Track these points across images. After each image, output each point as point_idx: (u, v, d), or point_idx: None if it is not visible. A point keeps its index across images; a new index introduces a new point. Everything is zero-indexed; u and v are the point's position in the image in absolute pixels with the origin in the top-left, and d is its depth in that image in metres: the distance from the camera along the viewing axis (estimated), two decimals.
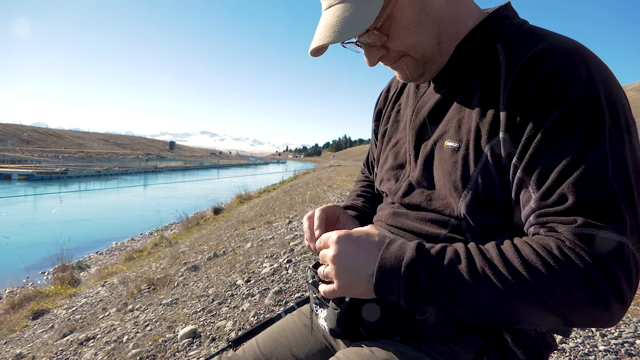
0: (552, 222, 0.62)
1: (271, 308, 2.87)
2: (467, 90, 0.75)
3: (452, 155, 0.74)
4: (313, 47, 0.73)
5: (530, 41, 0.69)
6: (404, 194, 0.86)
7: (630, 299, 0.57)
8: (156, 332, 3.02)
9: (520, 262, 0.59)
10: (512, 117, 0.66)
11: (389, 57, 0.79)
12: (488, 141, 0.69)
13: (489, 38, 0.75)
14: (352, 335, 0.79)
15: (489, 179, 0.69)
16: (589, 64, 0.63)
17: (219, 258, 5.48)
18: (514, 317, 0.61)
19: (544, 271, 0.58)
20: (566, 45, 0.65)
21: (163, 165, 66.55)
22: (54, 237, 9.89)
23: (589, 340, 2.35)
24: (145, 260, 7.72)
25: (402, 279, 0.63)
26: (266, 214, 9.38)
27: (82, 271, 8.43)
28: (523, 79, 0.65)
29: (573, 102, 0.61)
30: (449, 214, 0.76)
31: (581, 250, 0.58)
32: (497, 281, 0.59)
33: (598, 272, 0.56)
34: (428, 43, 0.76)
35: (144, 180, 41.46)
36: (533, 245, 0.61)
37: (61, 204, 20.64)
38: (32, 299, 6.11)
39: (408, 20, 0.73)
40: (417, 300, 0.63)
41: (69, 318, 4.73)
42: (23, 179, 35.45)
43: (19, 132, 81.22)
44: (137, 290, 4.81)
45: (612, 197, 0.58)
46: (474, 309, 0.61)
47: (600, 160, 0.59)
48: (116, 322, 3.81)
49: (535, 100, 0.64)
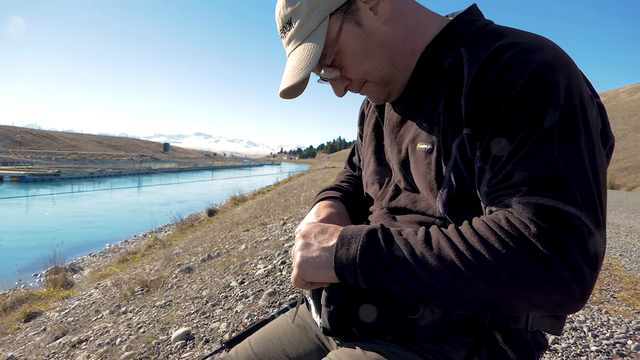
0: (501, 196, 0.63)
1: (265, 309, 2.87)
2: (435, 94, 0.77)
3: (426, 157, 0.76)
4: (280, 90, 0.81)
5: (491, 40, 0.70)
6: (391, 198, 0.88)
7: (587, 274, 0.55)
8: (149, 334, 3.01)
9: (472, 233, 0.61)
10: (471, 112, 0.68)
11: (354, 86, 0.84)
12: (454, 139, 0.71)
13: (451, 43, 0.77)
14: (344, 335, 0.80)
15: (460, 176, 0.71)
16: (544, 53, 0.64)
17: (213, 260, 5.46)
18: (467, 291, 0.59)
19: (493, 242, 0.58)
20: (526, 40, 0.67)
21: (157, 167, 66.25)
22: (47, 239, 9.82)
23: (581, 340, 2.37)
24: (138, 262, 7.68)
25: (360, 243, 0.66)
26: (260, 215, 9.37)
27: (75, 273, 8.36)
28: (481, 75, 0.67)
29: (524, 88, 0.62)
30: (432, 214, 0.78)
31: (528, 219, 0.57)
32: (449, 250, 0.60)
33: (548, 242, 0.55)
34: (382, 66, 0.80)
35: (137, 182, 41.26)
36: (485, 219, 0.62)
37: (54, 206, 20.48)
38: (25, 301, 6.05)
39: (355, 51, 0.77)
40: (373, 269, 0.64)
41: (62, 320, 4.69)
42: (15, 180, 35.16)
43: (11, 134, 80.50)
44: (131, 292, 4.78)
45: (558, 171, 0.58)
46: (428, 283, 0.61)
47: (547, 137, 0.60)
48: (109, 324, 3.78)
49: (490, 92, 0.65)
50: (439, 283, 0.60)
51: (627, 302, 3.02)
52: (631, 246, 5.18)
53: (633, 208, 9.80)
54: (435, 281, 0.60)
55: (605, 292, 3.24)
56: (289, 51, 0.81)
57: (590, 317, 2.72)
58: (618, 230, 6.50)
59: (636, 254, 4.68)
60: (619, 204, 10.42)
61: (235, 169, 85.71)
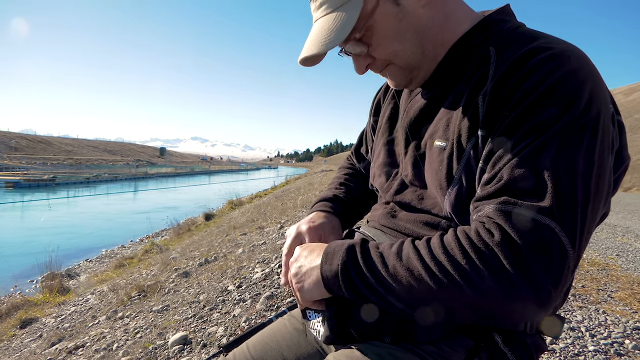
0: (482, 205, 0.63)
1: (263, 313, 2.86)
2: (457, 92, 0.76)
3: (440, 154, 0.75)
4: (300, 57, 0.77)
5: (521, 43, 0.69)
6: (396, 192, 0.87)
7: (548, 290, 0.54)
8: (146, 340, 2.99)
9: (439, 245, 0.62)
10: (489, 115, 0.67)
11: (376, 65, 0.82)
12: (469, 139, 0.70)
13: (481, 42, 0.76)
14: (343, 337, 0.79)
15: (471, 177, 0.70)
16: (572, 62, 0.63)
17: (210, 264, 5.44)
18: (432, 302, 0.61)
19: (456, 252, 0.59)
20: (556, 46, 0.65)
21: (153, 171, 66.03)
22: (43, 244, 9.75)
23: (579, 340, 2.37)
24: (135, 267, 7.63)
25: (341, 258, 0.69)
26: (258, 219, 9.35)
27: (71, 279, 8.30)
28: (504, 78, 0.66)
29: (541, 95, 0.61)
30: (438, 213, 0.77)
31: (495, 227, 0.57)
32: (416, 263, 0.62)
33: (509, 251, 0.55)
34: (411, 51, 0.77)
35: (134, 186, 41.11)
36: (457, 230, 0.63)
37: (50, 212, 20.38)
38: (20, 307, 6.00)
39: (387, 30, 0.75)
40: (353, 283, 0.67)
41: (58, 327, 4.65)
42: (10, 186, 34.91)
43: (6, 139, 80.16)
44: (128, 297, 4.75)
45: (541, 179, 0.57)
46: (400, 294, 0.63)
47: (545, 146, 0.59)
48: (106, 330, 3.76)
49: (509, 95, 0.64)
50: (409, 294, 0.62)
51: (624, 302, 3.03)
52: (628, 246, 5.20)
53: (629, 208, 9.86)
54: (405, 292, 0.62)
55: (602, 292, 3.25)
56: (317, 17, 0.76)
57: (588, 317, 2.72)
58: (615, 230, 6.52)
59: (633, 254, 4.70)
60: (616, 205, 10.47)
61: (232, 173, 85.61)
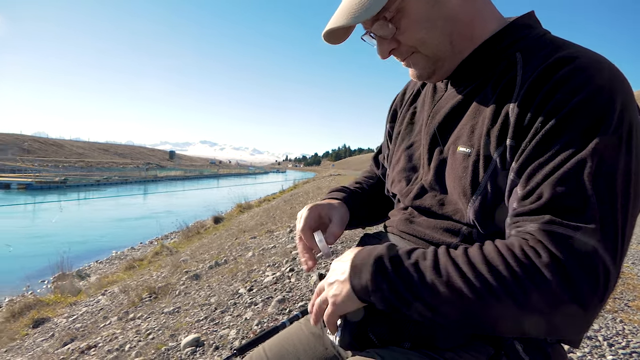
0: (523, 221, 0.62)
1: (275, 317, 2.85)
2: (483, 97, 0.76)
3: (464, 161, 0.74)
4: (326, 29, 0.76)
5: (549, 51, 0.69)
6: (416, 197, 0.86)
7: (595, 306, 0.55)
8: (159, 341, 3.00)
9: (482, 260, 0.60)
10: (519, 124, 0.66)
11: (400, 51, 0.80)
12: (497, 147, 0.69)
13: (508, 45, 0.76)
14: (362, 342, 0.78)
15: (497, 185, 0.69)
16: (603, 74, 0.63)
17: (221, 267, 5.45)
18: (473, 318, 0.60)
19: (503, 271, 0.57)
20: (584, 56, 0.65)
21: (163, 174, 66.50)
22: (54, 245, 9.85)
23: (597, 349, 2.33)
24: (145, 269, 7.68)
25: (371, 272, 0.67)
26: (267, 222, 9.37)
27: (82, 280, 8.38)
28: (535, 87, 0.66)
29: (574, 109, 0.61)
30: (459, 219, 0.76)
31: (542, 247, 0.57)
32: (458, 279, 0.60)
33: (557, 272, 0.55)
34: (439, 40, 0.76)
35: (143, 189, 41.44)
36: (498, 245, 0.62)
37: (61, 213, 20.60)
38: (33, 307, 6.06)
39: (419, 14, 0.74)
40: (384, 294, 0.65)
41: (70, 327, 4.69)
42: (22, 188, 35.40)
43: (19, 142, 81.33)
44: (139, 298, 4.78)
45: (585, 199, 0.57)
46: (434, 305, 0.61)
47: (584, 163, 0.58)
48: (118, 330, 3.78)
49: (540, 107, 0.64)
50: (450, 309, 0.61)
51: None
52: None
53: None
54: (446, 307, 0.61)
55: (618, 301, 3.20)
56: None
57: (605, 326, 2.68)
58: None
59: None
60: None
61: (241, 177, 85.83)
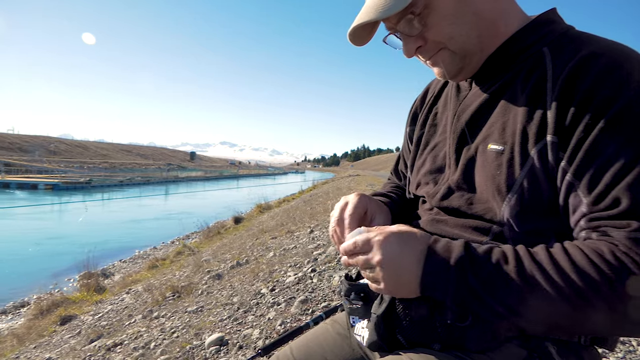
0: (605, 226, 0.60)
1: (298, 317, 2.85)
2: (511, 93, 0.74)
3: (496, 159, 0.73)
4: (353, 25, 0.75)
5: (578, 45, 0.68)
6: (443, 197, 0.84)
7: None
8: (183, 339, 3.03)
9: (571, 266, 0.58)
10: (560, 120, 0.65)
11: (427, 49, 0.78)
12: (535, 144, 0.68)
13: (534, 41, 0.75)
14: (390, 344, 0.77)
15: (536, 182, 0.68)
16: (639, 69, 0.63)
17: (242, 267, 5.49)
18: (560, 322, 0.60)
19: (595, 276, 0.56)
20: (616, 49, 0.65)
21: (184, 175, 67.59)
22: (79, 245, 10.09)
23: (630, 355, 2.26)
24: (168, 269, 7.80)
25: (450, 279, 0.63)
26: (287, 223, 9.40)
27: (106, 278, 8.57)
28: (572, 82, 0.64)
29: (624, 106, 0.60)
30: (491, 218, 0.74)
31: (636, 255, 0.56)
32: (546, 285, 0.58)
33: None
34: (467, 36, 0.75)
35: (165, 190, 42.15)
36: (584, 249, 0.60)
37: (86, 213, 21.12)
38: (60, 305, 6.23)
39: (447, 9, 0.73)
40: (463, 300, 0.63)
41: (96, 324, 4.80)
42: (49, 188, 36.47)
43: (46, 144, 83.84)
44: (162, 297, 4.85)
45: None
46: (520, 311, 0.60)
47: None
48: (142, 328, 3.84)
49: (585, 102, 0.63)
50: (536, 314, 0.60)
51: None
52: None
53: None
54: (532, 312, 0.60)
55: None
56: None
57: None
58: None
59: None
60: None
61: (260, 177, 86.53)
